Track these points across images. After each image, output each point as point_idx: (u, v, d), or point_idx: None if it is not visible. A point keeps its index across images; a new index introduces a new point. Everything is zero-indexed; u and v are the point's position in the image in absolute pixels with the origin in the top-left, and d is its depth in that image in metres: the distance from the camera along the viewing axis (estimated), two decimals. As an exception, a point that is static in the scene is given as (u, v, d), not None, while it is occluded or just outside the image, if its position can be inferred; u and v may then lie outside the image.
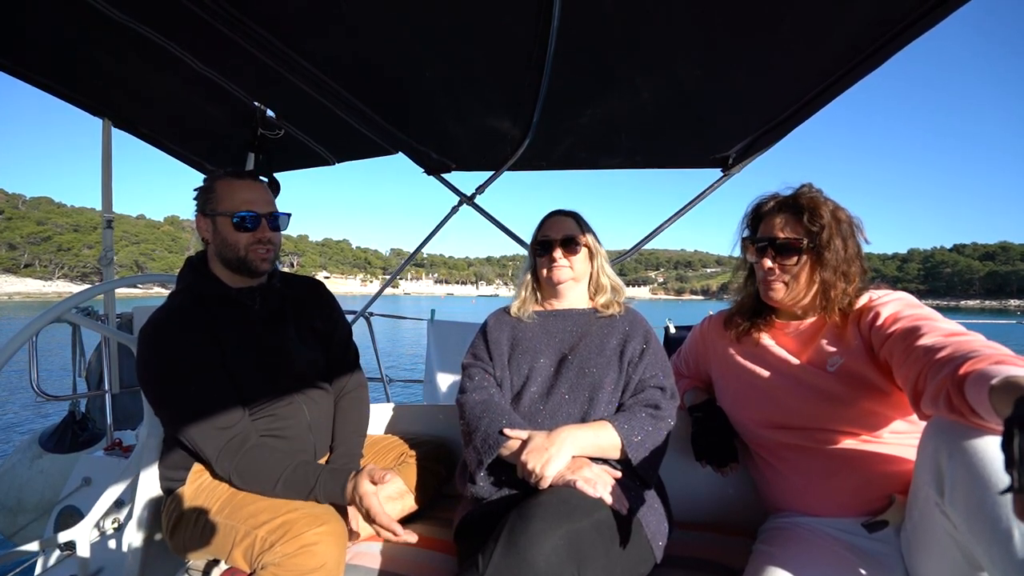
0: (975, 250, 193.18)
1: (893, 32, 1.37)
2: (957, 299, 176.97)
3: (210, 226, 1.44)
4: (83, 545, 1.79)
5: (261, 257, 1.46)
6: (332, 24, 1.58)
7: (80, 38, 1.90)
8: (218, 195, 1.43)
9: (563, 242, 1.53)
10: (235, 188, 1.44)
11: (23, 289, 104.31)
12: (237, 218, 1.41)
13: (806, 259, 1.29)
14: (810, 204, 1.29)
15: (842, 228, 1.28)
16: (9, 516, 2.70)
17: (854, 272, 1.28)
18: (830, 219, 1.27)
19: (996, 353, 0.90)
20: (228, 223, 1.42)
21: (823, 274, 1.28)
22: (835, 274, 1.27)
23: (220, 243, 1.43)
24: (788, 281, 1.31)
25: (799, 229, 1.29)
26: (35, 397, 2.53)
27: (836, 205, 1.31)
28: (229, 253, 1.43)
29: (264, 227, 1.46)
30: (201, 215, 1.45)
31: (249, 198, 1.44)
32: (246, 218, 1.42)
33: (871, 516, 1.17)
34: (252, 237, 1.44)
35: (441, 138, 2.50)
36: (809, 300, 1.33)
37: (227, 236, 1.42)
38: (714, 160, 2.51)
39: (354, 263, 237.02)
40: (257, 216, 1.44)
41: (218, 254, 1.45)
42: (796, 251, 1.29)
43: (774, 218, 1.34)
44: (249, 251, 1.44)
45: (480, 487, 1.31)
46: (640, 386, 1.40)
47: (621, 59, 1.70)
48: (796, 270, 1.30)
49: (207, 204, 1.44)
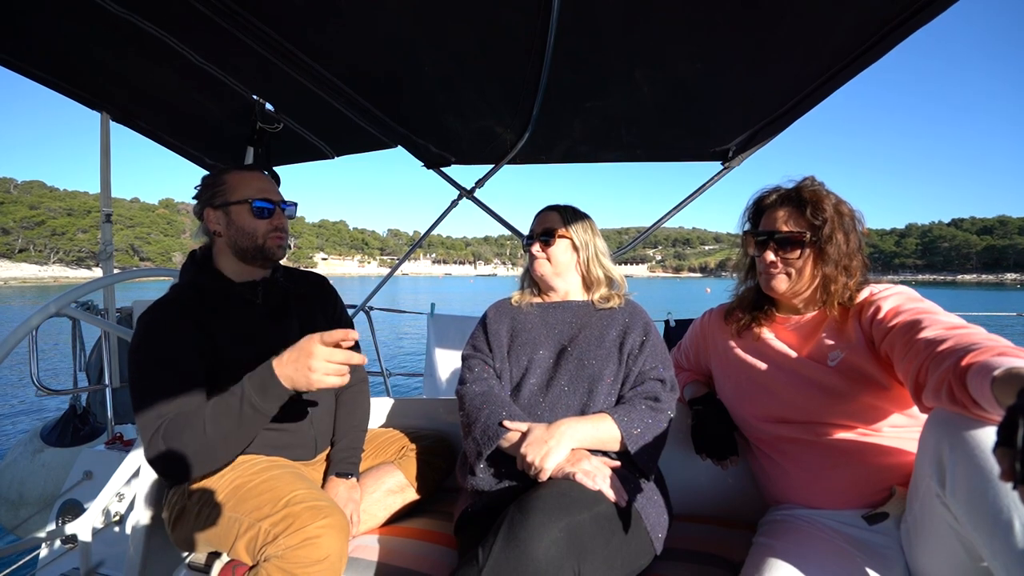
0: (973, 224, 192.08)
1: (892, 25, 1.37)
2: (954, 273, 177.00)
3: (222, 218, 1.44)
4: (85, 538, 1.80)
5: (278, 244, 1.49)
6: (331, 17, 1.57)
7: (78, 32, 1.89)
8: (230, 186, 1.44)
9: (540, 235, 1.55)
10: (247, 178, 1.46)
11: (19, 274, 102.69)
12: (256, 206, 1.43)
13: (808, 252, 1.29)
14: (813, 198, 1.29)
15: (844, 222, 1.28)
16: (11, 510, 2.70)
17: (855, 266, 1.28)
18: (832, 213, 1.27)
19: (998, 345, 0.90)
20: (244, 211, 1.43)
21: (824, 268, 1.28)
22: (836, 268, 1.27)
23: (236, 232, 1.43)
24: (791, 274, 1.31)
25: (802, 223, 1.29)
26: (35, 391, 2.54)
27: (839, 199, 1.31)
28: (246, 241, 1.44)
29: (279, 214, 1.48)
30: (210, 208, 1.44)
31: (263, 187, 1.47)
32: (264, 206, 1.44)
33: (871, 508, 1.17)
34: (270, 224, 1.46)
35: (441, 132, 2.49)
36: (810, 293, 1.34)
37: (244, 224, 1.43)
38: (714, 153, 2.50)
39: (351, 244, 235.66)
40: (273, 204, 1.46)
41: (232, 244, 1.45)
42: (799, 244, 1.29)
43: (776, 211, 1.34)
44: (268, 238, 1.46)
45: (480, 479, 1.32)
46: (640, 378, 1.40)
47: (621, 53, 1.69)
48: (799, 264, 1.30)
49: (216, 197, 1.43)
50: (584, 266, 1.56)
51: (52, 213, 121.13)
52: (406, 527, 1.52)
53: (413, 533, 1.48)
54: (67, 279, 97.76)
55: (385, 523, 1.54)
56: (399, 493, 1.57)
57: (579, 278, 1.59)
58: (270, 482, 1.28)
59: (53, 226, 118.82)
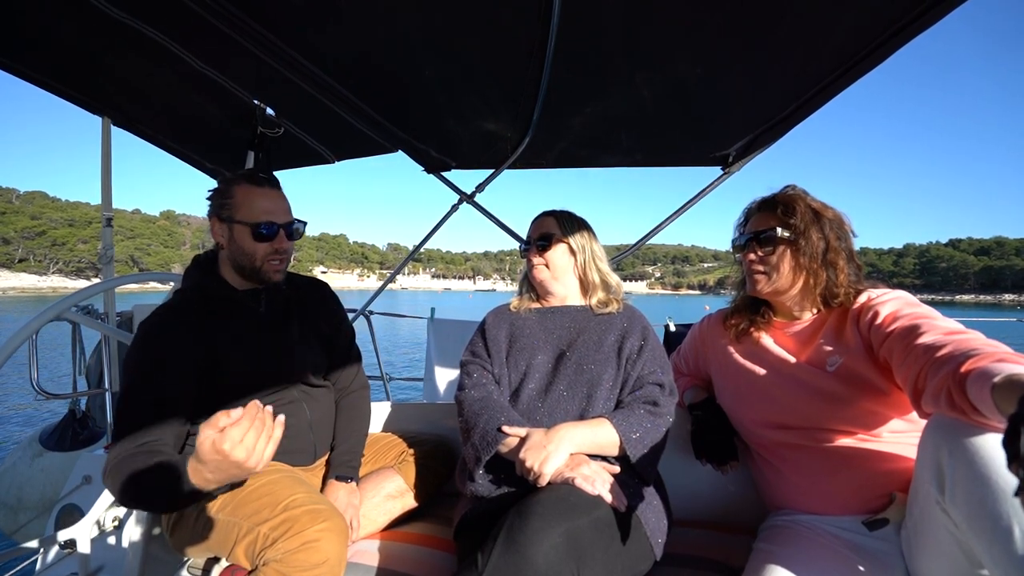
0: (970, 245, 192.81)
1: (891, 31, 1.37)
2: (952, 293, 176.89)
3: (226, 232, 1.41)
4: (84, 543, 1.79)
5: (275, 268, 1.45)
6: (332, 22, 1.58)
7: (79, 36, 1.89)
8: (237, 201, 1.40)
9: (537, 241, 1.56)
10: (255, 196, 1.41)
11: (18, 284, 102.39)
12: (257, 230, 1.39)
13: (783, 248, 1.33)
14: (784, 199, 1.35)
15: (821, 220, 1.31)
16: (10, 514, 2.69)
17: (841, 264, 1.30)
18: (805, 210, 1.32)
19: (997, 351, 0.90)
20: (245, 232, 1.40)
21: (802, 261, 1.30)
22: (818, 264, 1.29)
23: (236, 250, 1.41)
24: (768, 271, 1.35)
25: (773, 221, 1.35)
26: (35, 395, 2.53)
27: (822, 204, 1.35)
28: (244, 261, 1.42)
29: (282, 237, 1.44)
30: (217, 219, 1.42)
31: (269, 207, 1.42)
32: (265, 231, 1.40)
33: (871, 514, 1.17)
34: (270, 247, 1.42)
35: (441, 136, 2.50)
36: (798, 294, 1.36)
37: (244, 245, 1.40)
38: (714, 158, 2.51)
39: (351, 258, 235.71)
40: (276, 227, 1.42)
41: (231, 259, 1.44)
42: (772, 242, 1.34)
43: (756, 215, 1.40)
44: (265, 262, 1.42)
45: (479, 484, 1.32)
46: (638, 383, 1.40)
47: (621, 58, 1.70)
48: (775, 260, 1.34)
49: (223, 209, 1.41)
50: (581, 270, 1.57)
51: (53, 223, 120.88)
52: (406, 532, 1.52)
53: (413, 538, 1.48)
54: (66, 289, 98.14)
55: (385, 528, 1.54)
56: (399, 498, 1.57)
57: (577, 282, 1.59)
58: (269, 486, 1.28)
59: (54, 236, 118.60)
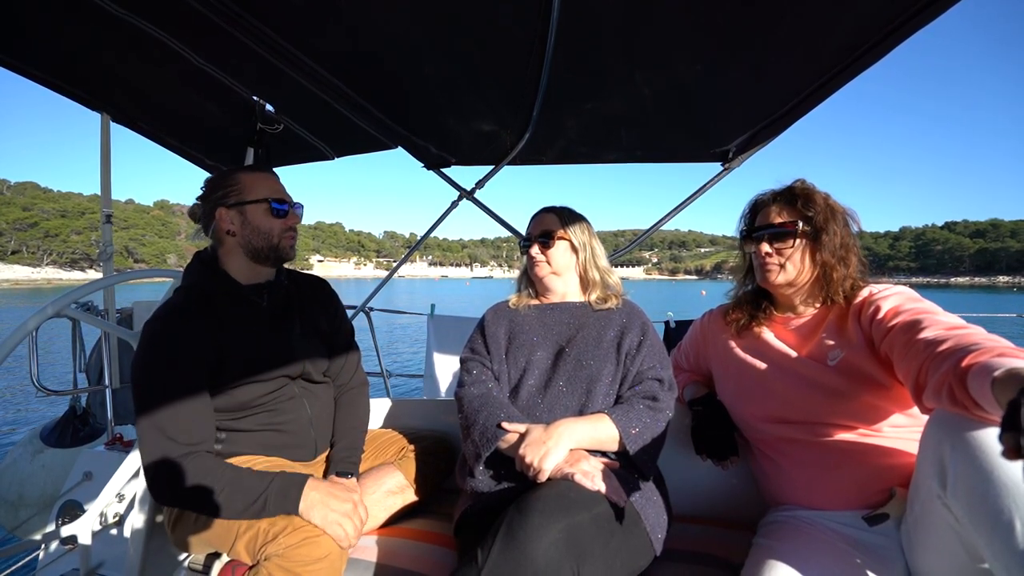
0: (966, 227, 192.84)
1: (892, 27, 1.37)
2: (947, 276, 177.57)
3: (236, 217, 1.44)
4: (84, 539, 1.80)
5: (290, 244, 1.52)
6: (331, 19, 1.57)
7: (79, 33, 1.89)
8: (245, 186, 1.45)
9: (539, 237, 1.56)
10: (262, 179, 1.48)
11: (11, 276, 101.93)
12: (274, 206, 1.46)
13: (801, 242, 1.33)
14: (803, 192, 1.35)
15: (836, 216, 1.32)
16: (11, 511, 2.70)
17: (852, 259, 1.31)
18: (824, 205, 1.32)
19: (998, 346, 0.90)
20: (261, 210, 1.45)
21: (823, 256, 1.30)
22: (834, 257, 1.30)
23: (251, 232, 1.44)
24: (784, 264, 1.34)
25: (794, 214, 1.34)
26: (35, 392, 2.53)
27: (830, 196, 1.35)
28: (261, 241, 1.45)
29: (293, 214, 1.51)
30: (223, 208, 1.43)
31: (277, 187, 1.50)
32: (280, 207, 1.47)
33: (872, 509, 1.17)
34: (285, 224, 1.49)
35: (441, 133, 2.49)
36: (808, 287, 1.36)
37: (261, 224, 1.44)
38: (714, 154, 2.50)
39: (347, 246, 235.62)
40: (288, 204, 1.49)
41: (246, 244, 1.45)
42: (791, 235, 1.33)
43: (770, 208, 1.39)
44: (282, 238, 1.48)
45: (479, 481, 1.32)
46: (638, 378, 1.40)
47: (621, 54, 1.69)
48: (791, 253, 1.33)
49: (230, 196, 1.44)
50: (582, 267, 1.57)
51: (45, 215, 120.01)
52: (406, 528, 1.52)
53: (413, 534, 1.48)
54: (60, 281, 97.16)
55: (385, 524, 1.54)
56: (399, 494, 1.57)
57: (577, 279, 1.59)
58: None
59: (47, 227, 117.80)
